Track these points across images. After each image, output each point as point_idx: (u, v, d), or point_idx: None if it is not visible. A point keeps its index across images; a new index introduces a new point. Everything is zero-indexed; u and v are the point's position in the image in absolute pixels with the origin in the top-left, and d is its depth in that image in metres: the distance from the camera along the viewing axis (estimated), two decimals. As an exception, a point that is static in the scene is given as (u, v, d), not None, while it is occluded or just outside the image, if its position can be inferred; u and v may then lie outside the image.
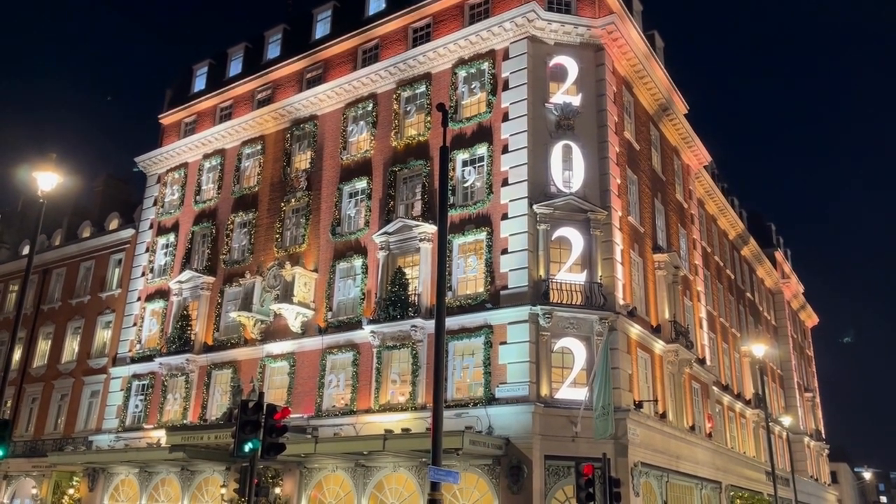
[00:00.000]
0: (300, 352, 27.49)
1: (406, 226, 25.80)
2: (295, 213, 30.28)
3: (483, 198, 24.93)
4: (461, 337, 23.64)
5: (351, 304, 27.09)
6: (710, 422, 30.58)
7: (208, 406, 29.52)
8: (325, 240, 28.64)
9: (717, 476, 29.05)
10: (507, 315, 23.00)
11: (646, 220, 28.08)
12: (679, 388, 27.65)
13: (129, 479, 30.53)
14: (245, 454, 13.75)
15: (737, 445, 35.75)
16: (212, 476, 27.92)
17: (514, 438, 21.42)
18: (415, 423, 22.60)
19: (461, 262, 24.91)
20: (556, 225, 23.92)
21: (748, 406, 38.80)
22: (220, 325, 30.67)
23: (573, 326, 22.89)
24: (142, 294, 34.51)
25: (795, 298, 55.35)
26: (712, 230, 39.19)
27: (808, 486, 44.65)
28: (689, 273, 31.46)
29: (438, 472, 11.55)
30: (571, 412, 21.48)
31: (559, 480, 21.33)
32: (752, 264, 46.65)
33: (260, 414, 13.82)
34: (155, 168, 36.73)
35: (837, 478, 68.57)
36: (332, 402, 26.10)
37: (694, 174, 35.55)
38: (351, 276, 27.52)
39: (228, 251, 31.79)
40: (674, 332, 27.44)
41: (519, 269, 23.37)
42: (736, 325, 40.04)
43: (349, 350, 26.13)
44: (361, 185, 28.44)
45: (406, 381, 24.46)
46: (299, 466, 25.29)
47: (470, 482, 21.88)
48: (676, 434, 26.05)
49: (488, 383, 22.65)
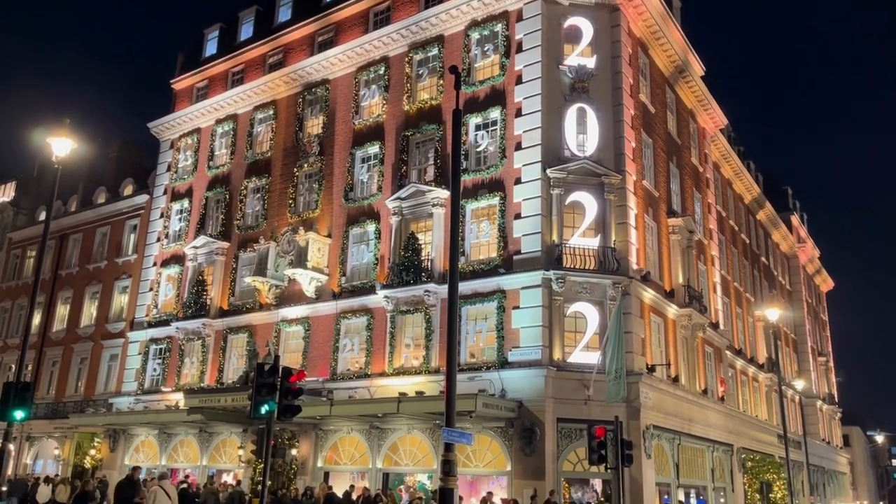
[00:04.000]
0: (315, 316, 27.72)
1: (419, 191, 25.74)
2: (308, 178, 30.28)
3: (496, 162, 24.79)
4: (474, 302, 23.72)
5: (364, 270, 27.21)
6: (723, 385, 30.67)
7: (225, 369, 29.96)
8: (338, 205, 28.66)
9: (728, 439, 29.23)
10: (520, 280, 23.03)
11: (660, 184, 27.84)
12: (692, 353, 27.70)
13: (149, 440, 31.19)
14: (261, 416, 13.97)
15: (749, 409, 35.88)
16: (229, 438, 28.45)
17: (527, 401, 21.61)
18: (428, 387, 22.84)
19: (474, 227, 24.88)
20: (570, 189, 23.77)
21: (761, 370, 38.85)
22: (236, 290, 30.95)
23: (586, 291, 22.90)
24: (157, 259, 34.82)
25: (811, 263, 54.97)
26: (727, 194, 38.82)
27: (820, 450, 44.85)
28: (703, 237, 31.27)
29: (452, 433, 11.68)
30: (584, 376, 21.60)
31: (571, 443, 21.56)
32: (768, 228, 46.27)
33: (276, 377, 14.00)
34: (168, 134, 36.75)
35: (850, 441, 68.83)
36: (346, 366, 26.39)
37: (710, 137, 35.10)
38: (364, 242, 27.59)
39: (242, 216, 31.92)
40: (687, 296, 27.38)
41: (532, 234, 23.32)
42: (750, 290, 39.89)
43: (363, 315, 26.31)
44: (374, 149, 28.35)
45: (420, 345, 24.65)
46: (315, 428, 25.70)
47: (483, 444, 22.16)
48: (689, 397, 26.17)
49: (501, 347, 22.78)
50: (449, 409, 11.91)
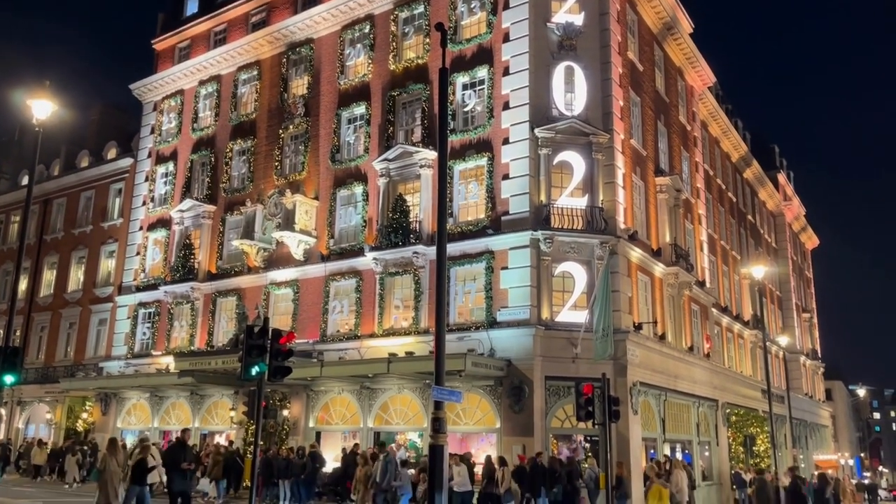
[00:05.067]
0: (303, 279, 27.74)
1: (406, 152, 25.57)
2: (294, 139, 29.99)
3: (484, 122, 24.62)
4: (462, 262, 23.78)
5: (352, 232, 27.15)
6: (709, 342, 31.09)
7: (214, 333, 30.02)
8: (324, 167, 28.46)
9: (714, 394, 29.75)
10: (509, 240, 23.07)
11: (648, 142, 27.78)
12: (678, 310, 27.99)
13: (141, 402, 31.37)
14: (252, 378, 14.04)
15: (734, 365, 36.45)
16: (221, 400, 28.66)
17: (516, 360, 21.85)
18: (418, 347, 23.02)
19: (462, 188, 24.80)
20: (558, 149, 23.70)
21: (746, 327, 39.37)
22: (223, 254, 30.85)
23: (574, 251, 23.00)
24: (143, 223, 34.58)
25: (796, 220, 55.34)
26: (715, 152, 38.82)
27: (803, 404, 45.75)
28: (690, 196, 31.35)
29: (442, 391, 11.83)
30: (572, 334, 21.82)
31: (559, 400, 21.88)
32: (754, 187, 46.43)
33: (265, 338, 14.04)
34: (150, 95, 36.16)
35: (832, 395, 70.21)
36: (336, 328, 26.50)
37: (698, 95, 34.95)
38: (352, 204, 27.47)
39: (228, 179, 31.65)
40: (674, 255, 27.57)
41: (520, 195, 23.29)
42: (736, 248, 40.18)
43: (352, 277, 26.35)
44: (360, 110, 28.05)
45: (409, 306, 24.76)
46: (306, 390, 25.92)
47: (473, 402, 22.45)
48: (675, 354, 26.53)
49: (490, 307, 22.93)
50: (438, 368, 12.03)
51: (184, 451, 14.23)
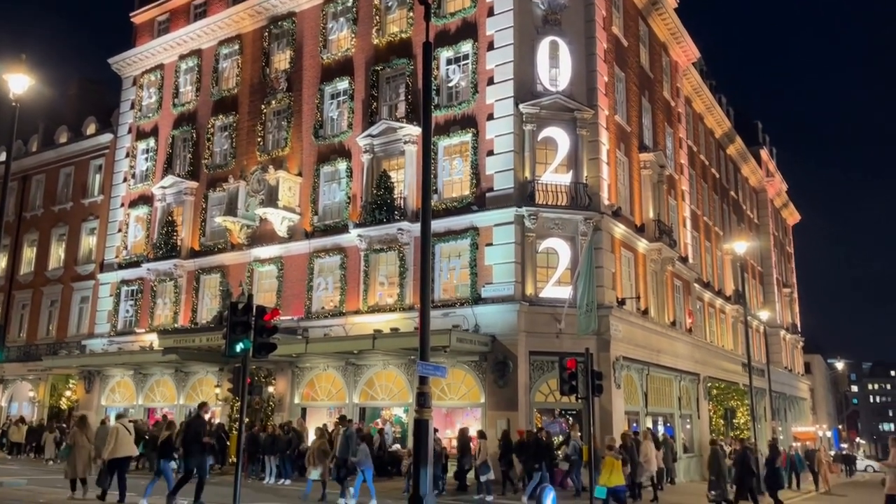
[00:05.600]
0: (287, 256, 27.64)
1: (390, 128, 25.41)
2: (276, 115, 29.69)
3: (468, 98, 24.49)
4: (447, 239, 23.79)
5: (337, 208, 27.03)
6: (691, 317, 31.42)
7: (198, 310, 29.91)
8: (308, 143, 28.23)
9: (695, 368, 30.14)
10: (493, 217, 23.09)
11: (632, 118, 27.79)
12: (661, 286, 28.22)
13: (125, 380, 31.29)
14: (237, 354, 13.98)
15: (715, 339, 36.89)
16: (205, 377, 28.64)
17: (500, 336, 21.98)
18: (403, 323, 23.08)
19: (447, 164, 24.73)
20: (543, 125, 23.65)
21: (728, 302, 39.78)
22: (206, 230, 30.64)
23: (558, 227, 23.06)
24: (125, 200, 34.22)
25: (778, 196, 55.73)
26: (699, 129, 38.89)
27: (783, 377, 46.45)
28: (674, 172, 31.46)
29: (427, 366, 11.89)
30: (556, 310, 21.96)
31: (543, 374, 22.07)
32: (737, 163, 46.63)
33: (250, 315, 13.95)
34: (130, 70, 35.59)
35: (811, 368, 71.28)
36: (321, 305, 26.49)
37: (682, 71, 34.92)
38: (336, 180, 27.33)
39: (210, 155, 31.34)
40: (657, 231, 27.73)
41: (505, 171, 23.27)
42: (719, 224, 40.46)
43: (336, 254, 26.29)
44: (343, 85, 27.79)
45: (394, 283, 24.78)
46: (291, 366, 25.95)
47: (457, 378, 22.61)
48: (657, 329, 26.80)
49: (474, 284, 23.00)
50: (423, 344, 12.08)
51: (202, 424, 14.20)
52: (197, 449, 13.82)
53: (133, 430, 15.59)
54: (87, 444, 15.08)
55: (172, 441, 14.78)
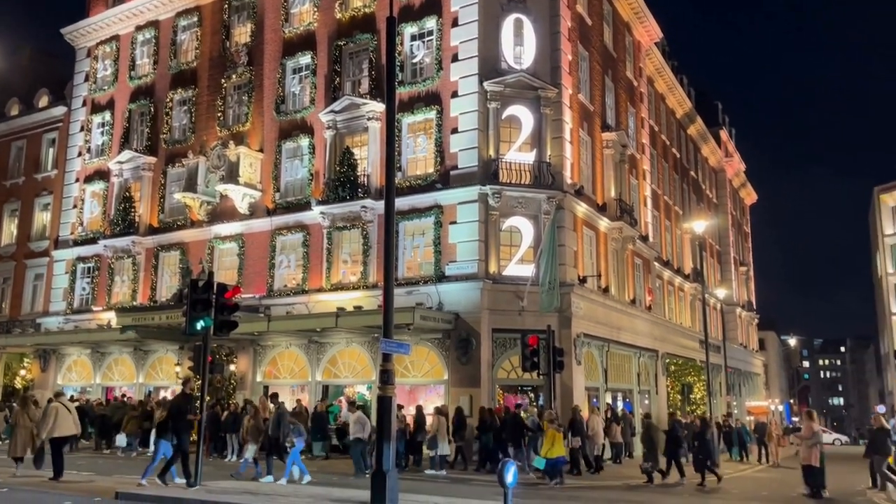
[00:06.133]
0: (249, 233, 27.32)
1: (353, 104, 25.16)
2: (237, 90, 29.13)
3: (432, 74, 24.34)
4: (411, 217, 23.74)
5: (299, 185, 26.76)
6: (651, 295, 31.98)
7: (158, 287, 29.44)
8: (269, 118, 27.80)
9: (654, 345, 30.75)
10: (457, 195, 23.10)
11: (596, 98, 27.94)
12: (622, 264, 28.63)
13: (82, 359, 30.74)
14: (197, 332, 13.89)
15: (674, 317, 37.64)
16: (165, 355, 28.29)
17: (464, 313, 22.12)
18: (367, 301, 23.05)
19: (411, 141, 24.61)
20: (507, 103, 23.65)
21: (686, 280, 40.55)
22: (165, 207, 30.09)
23: (522, 205, 23.18)
24: (80, 175, 33.35)
25: (737, 176, 56.75)
26: (660, 109, 39.28)
27: (738, 353, 47.68)
28: (635, 152, 31.78)
29: (390, 344, 11.91)
30: (519, 288, 22.14)
31: (506, 351, 22.30)
32: (697, 143, 47.29)
33: (210, 292, 13.86)
34: (84, 41, 34.51)
35: (765, 345, 73.19)
36: (283, 282, 26.29)
37: (644, 51, 35.16)
38: (298, 157, 27.01)
39: (169, 130, 30.67)
40: (619, 210, 28.05)
41: (469, 149, 23.26)
42: (679, 203, 41.08)
43: (299, 231, 26.07)
44: (305, 60, 27.37)
45: (357, 260, 24.69)
46: (253, 344, 25.78)
47: (421, 355, 22.71)
48: (618, 307, 27.24)
49: (438, 262, 23.05)
50: (387, 321, 12.08)
51: (189, 401, 14.04)
52: (185, 426, 13.71)
53: (73, 409, 15.47)
54: (29, 424, 15.11)
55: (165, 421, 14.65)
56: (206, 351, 14.14)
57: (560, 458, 16.23)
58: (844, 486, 17.84)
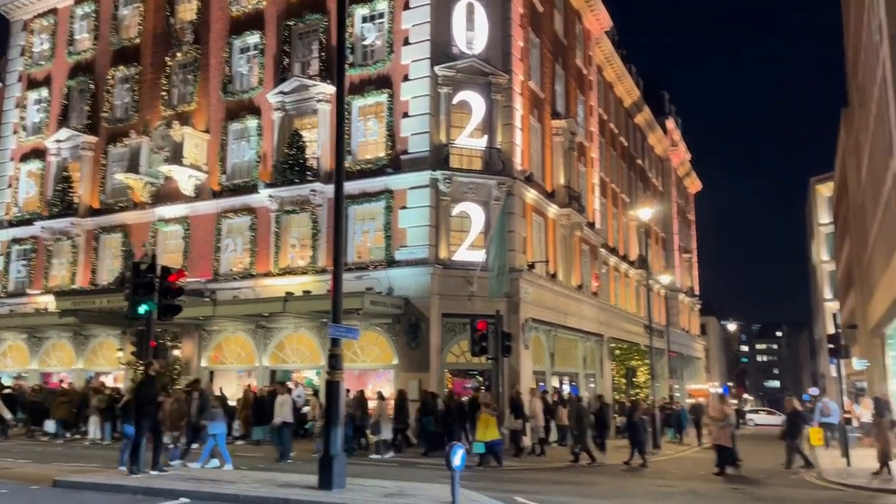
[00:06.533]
0: (194, 215, 26.74)
1: (303, 85, 24.78)
2: (182, 68, 28.36)
3: (384, 57, 24.13)
4: (361, 201, 23.58)
5: (246, 167, 26.28)
6: (597, 281, 32.55)
7: (98, 271, 28.62)
8: (215, 98, 27.18)
9: (600, 330, 31.35)
10: (408, 180, 23.03)
11: (546, 85, 28.13)
12: (569, 250, 29.03)
13: (18, 344, 29.73)
14: (139, 316, 13.58)
15: (619, 302, 38.39)
16: (106, 340, 27.59)
17: (414, 298, 22.14)
18: (316, 286, 22.87)
19: (361, 125, 24.39)
20: (458, 88, 23.62)
21: (632, 266, 41.38)
22: (107, 188, 29.21)
23: (472, 191, 23.26)
24: (15, 154, 32.06)
25: (682, 165, 58.00)
26: (609, 97, 39.79)
27: (681, 338, 48.99)
28: (584, 140, 32.17)
29: (339, 328, 11.86)
30: (468, 273, 22.25)
31: (455, 336, 22.43)
32: (644, 132, 48.10)
33: (153, 276, 13.54)
34: (19, 13, 33.07)
35: (706, 330, 75.31)
36: (229, 266, 25.86)
37: (594, 39, 35.52)
38: (245, 138, 26.51)
39: (111, 108, 29.70)
40: (567, 196, 28.40)
41: (420, 134, 23.18)
42: (626, 191, 41.79)
43: (246, 214, 25.64)
44: (254, 39, 26.80)
45: (306, 245, 24.44)
46: (198, 329, 25.33)
47: (370, 340, 22.67)
48: (565, 292, 27.64)
49: (389, 247, 22.98)
50: (336, 306, 12.02)
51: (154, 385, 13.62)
52: (150, 411, 13.27)
53: None
54: None
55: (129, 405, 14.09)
56: (150, 336, 13.84)
57: (496, 441, 16.53)
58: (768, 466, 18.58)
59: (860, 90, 31.30)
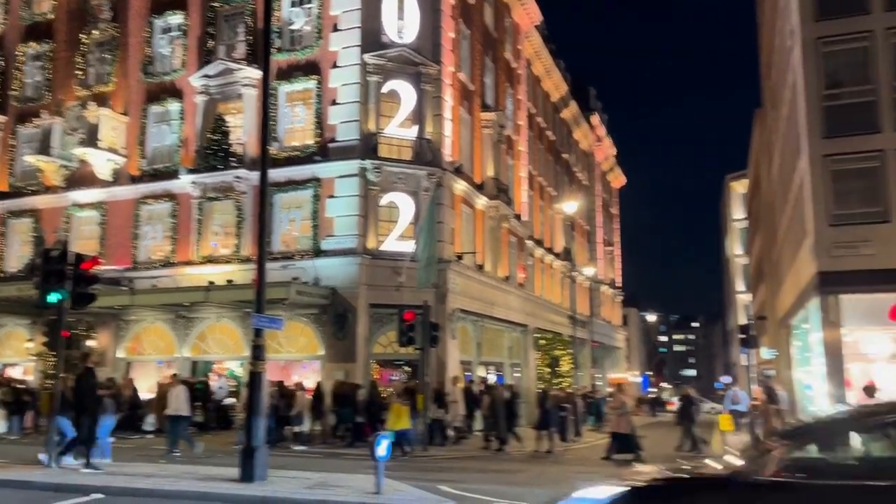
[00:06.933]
0: (112, 201, 25.71)
1: (228, 69, 24.13)
2: (99, 47, 27.14)
3: (312, 43, 23.74)
4: (288, 189, 23.17)
5: (167, 152, 25.42)
6: (523, 272, 33.05)
7: (6, 257, 27.21)
8: (135, 80, 26.15)
9: (525, 320, 31.86)
10: (336, 168, 22.77)
11: (476, 77, 28.28)
12: (497, 242, 29.36)
13: (-85, 335, 27.92)
14: (50, 305, 12.98)
15: (544, 293, 39.10)
16: (14, 330, 26.32)
17: (341, 288, 21.95)
18: (240, 275, 22.35)
19: (288, 111, 23.95)
20: (388, 77, 23.47)
21: (557, 258, 42.18)
22: (16, 170, 27.74)
23: (401, 181, 23.19)
24: (-87, 132, 29.99)
25: (606, 161, 59.41)
26: (537, 91, 40.30)
27: (603, 328, 50.31)
28: (513, 133, 32.53)
29: (262, 319, 11.65)
30: (397, 263, 22.20)
31: (382, 327, 22.37)
32: (571, 126, 48.97)
33: (65, 263, 12.96)
34: (-83, -19, 30.87)
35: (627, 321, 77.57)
36: (149, 254, 25.02)
37: (524, 33, 35.90)
38: (166, 122, 25.63)
39: (20, 87, 28.16)
40: (496, 189, 28.67)
41: (349, 122, 22.94)
42: (552, 184, 42.49)
43: (167, 200, 24.83)
44: (177, 19, 25.89)
45: (230, 233, 23.87)
46: (115, 319, 24.44)
47: (296, 330, 22.36)
48: (492, 283, 27.96)
49: (316, 236, 22.69)
50: (259, 296, 11.80)
51: (94, 376, 12.89)
52: (91, 403, 12.61)
53: None
54: None
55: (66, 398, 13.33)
56: (61, 326, 13.25)
57: (404, 430, 16.73)
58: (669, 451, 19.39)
59: (773, 92, 32.79)
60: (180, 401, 16.34)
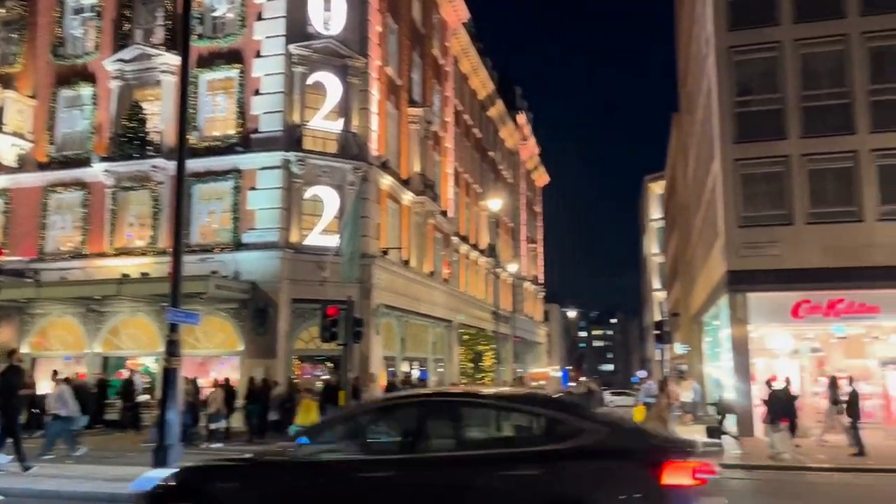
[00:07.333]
0: (16, 188, 24.39)
1: (145, 54, 23.24)
2: (5, 25, 25.65)
3: (235, 31, 23.14)
4: (207, 180, 22.53)
5: (79, 139, 24.30)
6: (448, 268, 33.23)
7: None
8: (44, 61, 24.86)
9: (449, 315, 32.06)
10: (259, 160, 22.29)
11: (403, 72, 28.20)
12: (423, 238, 29.41)
13: None
14: (-53, 299, 12.19)
15: (469, 289, 39.44)
16: None
17: (262, 283, 21.52)
18: (155, 268, 21.60)
19: (209, 100, 23.27)
20: (314, 68, 23.13)
21: (482, 255, 42.60)
22: None
23: (326, 175, 22.91)
24: None
25: (531, 159, 60.34)
26: (464, 89, 40.54)
27: (525, 324, 51.15)
28: (440, 129, 32.62)
29: (177, 313, 11.29)
30: (321, 258, 21.91)
31: (305, 322, 22.06)
32: (497, 125, 49.50)
33: (-36, 254, 12.19)
34: None
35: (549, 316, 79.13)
36: (57, 245, 23.87)
37: (452, 30, 36.03)
38: (78, 107, 24.48)
39: (-86, 64, 26.30)
40: (422, 185, 28.70)
41: (273, 113, 22.49)
42: (478, 181, 42.86)
43: (77, 189, 23.74)
44: (89, 0, 24.73)
45: (146, 224, 23.04)
46: (20, 312, 23.22)
47: (214, 325, 21.79)
48: (417, 279, 27.99)
49: (236, 229, 22.17)
50: (175, 290, 11.43)
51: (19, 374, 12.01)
52: (16, 403, 11.83)
53: None
54: None
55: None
56: (-42, 320, 12.47)
57: None
58: None
59: (689, 97, 34.06)
60: (63, 400, 15.43)
